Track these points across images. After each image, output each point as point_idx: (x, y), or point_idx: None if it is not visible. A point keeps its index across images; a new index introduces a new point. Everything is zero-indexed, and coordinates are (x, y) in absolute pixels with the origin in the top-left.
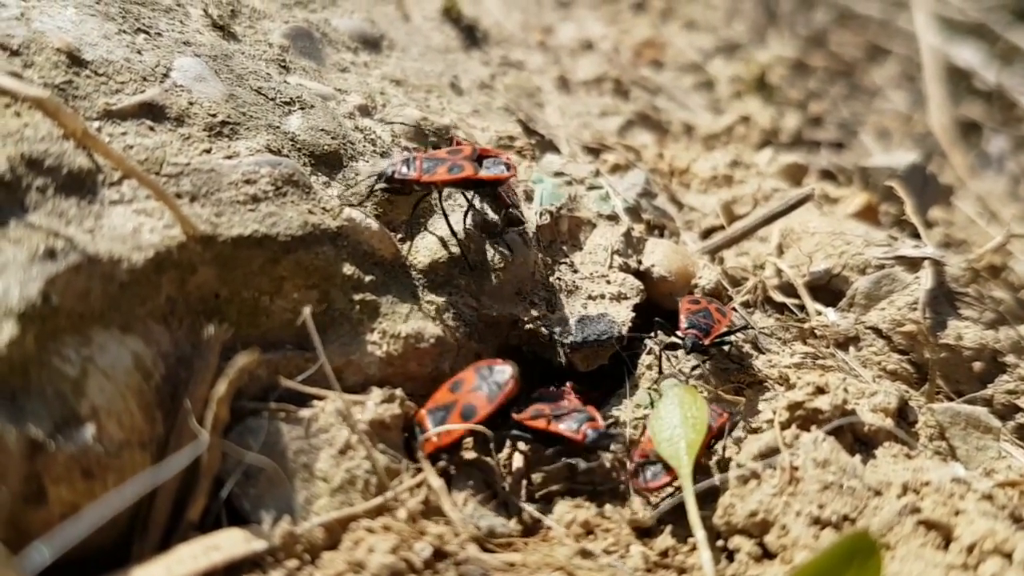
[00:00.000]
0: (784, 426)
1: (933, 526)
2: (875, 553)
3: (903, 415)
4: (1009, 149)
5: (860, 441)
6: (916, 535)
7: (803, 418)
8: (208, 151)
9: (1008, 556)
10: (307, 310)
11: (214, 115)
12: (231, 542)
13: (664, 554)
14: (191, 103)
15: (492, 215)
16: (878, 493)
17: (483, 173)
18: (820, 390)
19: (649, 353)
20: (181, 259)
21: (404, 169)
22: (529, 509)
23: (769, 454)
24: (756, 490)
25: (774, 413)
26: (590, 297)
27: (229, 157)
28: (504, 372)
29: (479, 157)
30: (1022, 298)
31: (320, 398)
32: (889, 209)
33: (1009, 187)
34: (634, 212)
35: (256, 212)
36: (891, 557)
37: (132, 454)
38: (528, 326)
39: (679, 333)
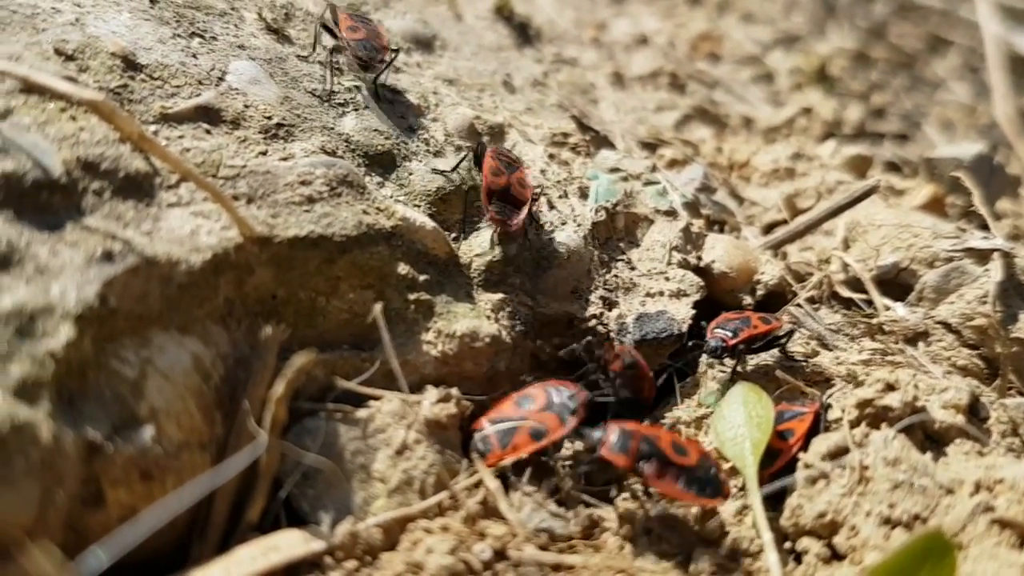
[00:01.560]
0: (853, 424)
1: (1008, 525)
2: (949, 553)
3: (974, 411)
4: None
5: (930, 439)
6: (990, 534)
7: (872, 416)
8: (264, 153)
9: None
10: (378, 308)
11: (269, 117)
12: (290, 543)
13: (730, 557)
14: (247, 106)
15: (547, 214)
16: (950, 491)
17: None
18: (890, 387)
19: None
20: (238, 260)
21: None
22: (589, 511)
23: (838, 453)
24: (825, 490)
25: (843, 411)
26: (648, 294)
27: (285, 159)
28: (576, 399)
29: None
30: None
31: (377, 398)
32: (956, 201)
33: None
34: (692, 207)
35: (312, 213)
36: (964, 557)
37: (191, 455)
38: (585, 325)
39: (706, 336)
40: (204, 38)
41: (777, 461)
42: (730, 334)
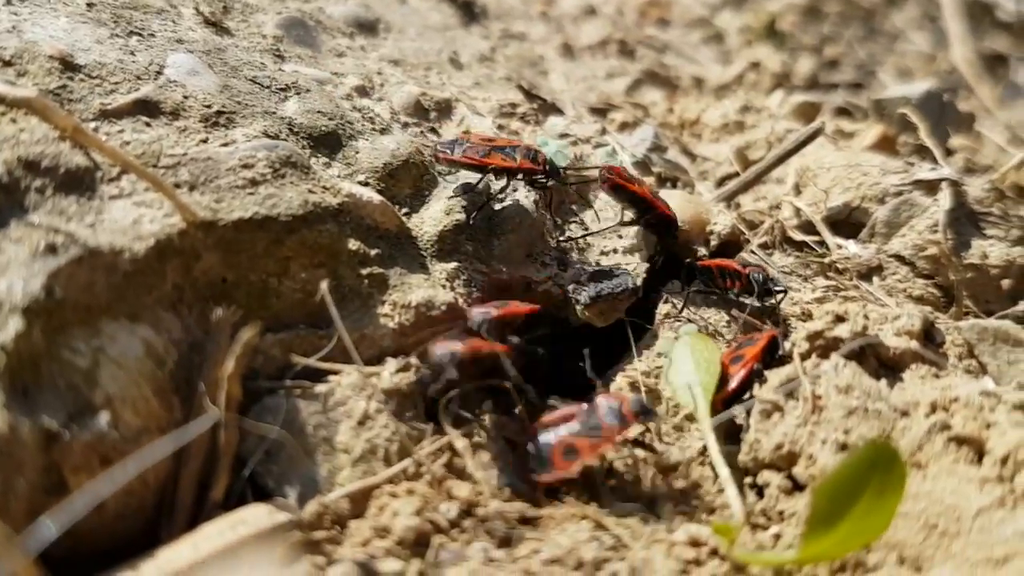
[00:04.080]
0: (804, 356)
1: (964, 441)
2: (897, 461)
3: (930, 337)
4: None
5: (885, 366)
6: (947, 452)
7: (823, 347)
8: (205, 141)
9: None
10: (324, 285)
11: (209, 106)
12: (256, 516)
13: (693, 497)
14: (186, 96)
15: (497, 182)
16: (905, 414)
17: None
18: (839, 318)
19: (666, 303)
20: (184, 246)
21: None
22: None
23: (792, 386)
24: (780, 423)
25: (793, 345)
26: (603, 252)
27: (226, 144)
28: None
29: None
30: None
31: (336, 373)
32: (908, 139)
33: None
34: (644, 166)
35: (256, 195)
36: (923, 476)
37: (151, 439)
38: (542, 287)
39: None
40: (142, 36)
41: (727, 385)
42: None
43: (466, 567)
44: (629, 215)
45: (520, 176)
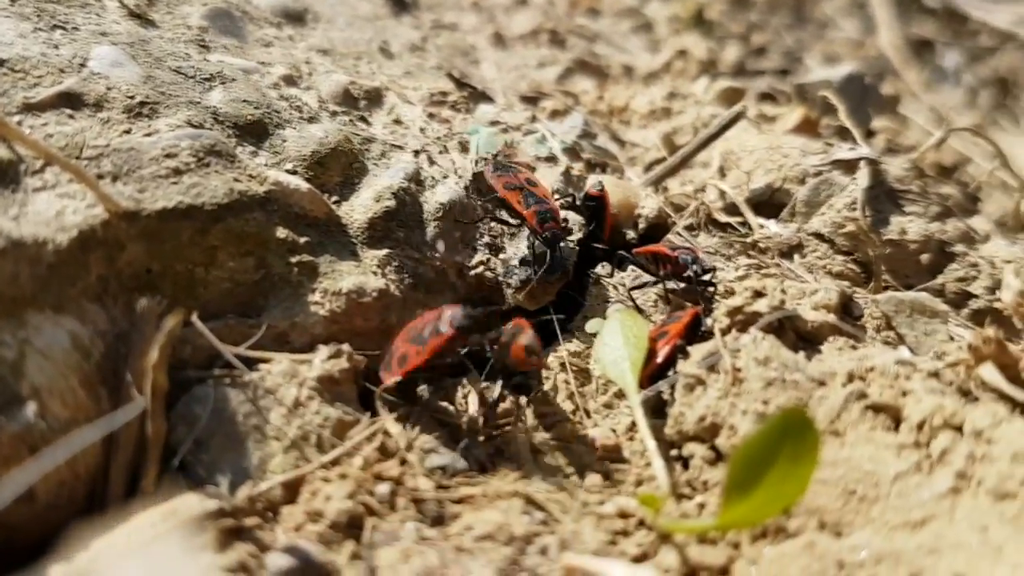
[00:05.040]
0: (725, 331)
1: (881, 409)
2: (810, 428)
3: (848, 311)
4: (963, 62)
5: (804, 339)
6: (864, 420)
7: (743, 322)
8: (128, 131)
9: (959, 429)
10: None
11: (132, 97)
12: (187, 505)
13: (621, 470)
14: (109, 88)
15: (428, 170)
16: (822, 384)
17: None
18: (758, 294)
19: (597, 284)
20: (107, 237)
21: None
22: (487, 443)
23: (713, 360)
24: (703, 396)
25: (714, 321)
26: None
27: (149, 135)
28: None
29: None
30: (972, 192)
31: (266, 361)
32: (829, 122)
33: (966, 98)
34: (573, 152)
35: (179, 184)
36: (841, 443)
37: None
38: (474, 272)
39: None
40: (66, 29)
41: (652, 360)
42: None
43: (399, 547)
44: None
45: (521, 223)
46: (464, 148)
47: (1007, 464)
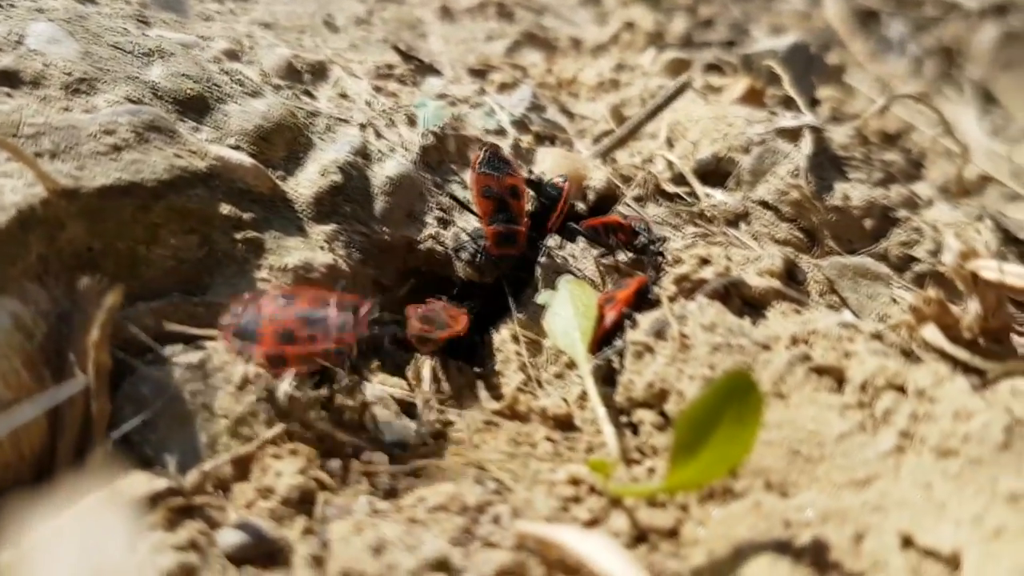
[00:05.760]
0: (672, 299)
1: (824, 371)
2: (753, 390)
3: (792, 276)
4: (908, 32)
5: (749, 305)
6: (808, 382)
7: (689, 289)
8: (66, 109)
9: (902, 389)
10: None
11: (70, 74)
12: (133, 485)
13: (573, 438)
14: (46, 65)
15: (375, 143)
16: (767, 348)
17: None
18: (704, 261)
19: (546, 256)
20: (47, 215)
21: None
22: (438, 416)
23: (661, 327)
24: (651, 363)
25: (661, 289)
26: None
27: (88, 111)
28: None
29: None
30: (916, 159)
31: (213, 339)
32: (775, 92)
33: (911, 68)
34: (522, 125)
35: (119, 161)
36: (785, 405)
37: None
38: (423, 246)
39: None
40: (2, 6)
41: (600, 325)
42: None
43: (351, 520)
44: None
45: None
46: (412, 122)
47: (949, 422)
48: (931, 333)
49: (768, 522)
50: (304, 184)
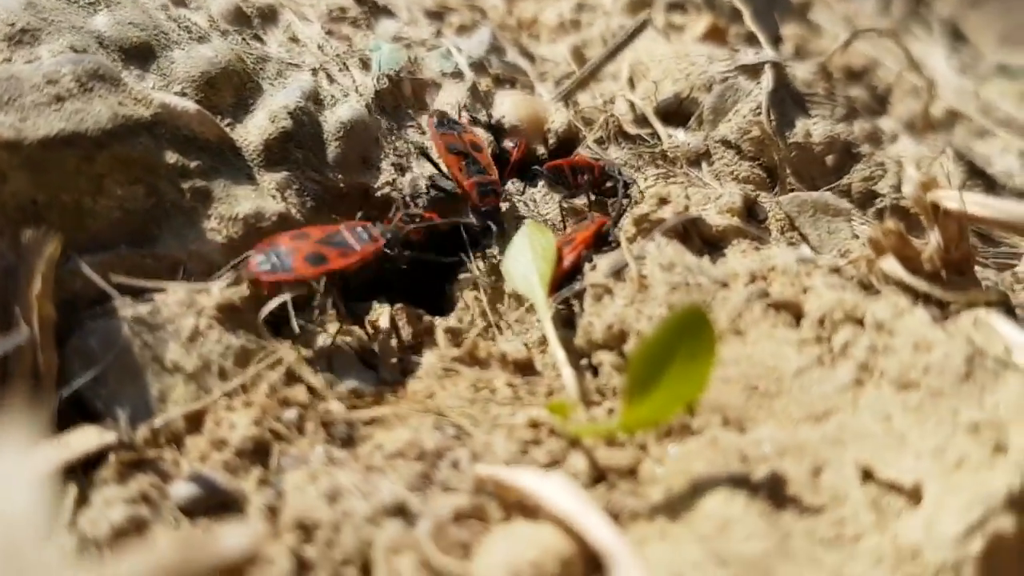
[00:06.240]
0: (631, 240)
1: (782, 306)
2: (706, 325)
3: (753, 214)
4: None
5: (709, 244)
6: (766, 318)
7: (648, 230)
8: (8, 60)
9: (859, 321)
10: None
11: (12, 24)
12: (81, 439)
13: (533, 382)
14: None
15: (327, 88)
16: (725, 285)
17: None
18: (663, 200)
19: (506, 200)
20: None
21: None
22: (396, 363)
23: (619, 269)
24: (610, 304)
25: (620, 230)
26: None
27: (30, 62)
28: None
29: None
30: (881, 95)
31: (161, 291)
32: (738, 30)
33: (879, 6)
34: (480, 67)
35: (61, 111)
36: (743, 342)
37: None
38: (379, 193)
39: None
40: None
41: (559, 265)
42: None
43: (306, 469)
44: None
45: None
46: (366, 65)
47: (909, 354)
48: (890, 265)
49: (725, 458)
50: (253, 131)
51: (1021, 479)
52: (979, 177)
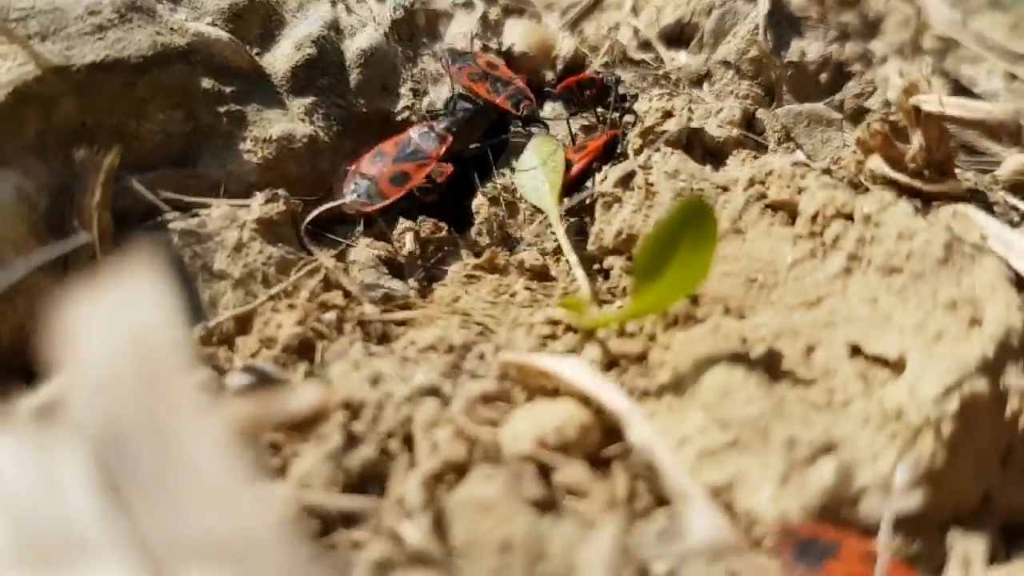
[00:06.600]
0: (637, 152)
1: (779, 206)
2: (708, 214)
3: (752, 127)
4: None
5: (710, 153)
6: (764, 217)
7: (654, 142)
8: None
9: (849, 216)
10: None
11: None
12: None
13: (550, 286)
14: None
15: (346, 18)
16: (726, 189)
17: None
18: (667, 114)
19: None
20: (42, 91)
21: None
22: (424, 273)
23: (628, 179)
24: (619, 212)
25: (628, 143)
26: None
27: None
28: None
29: None
30: (873, 21)
31: (207, 207)
32: None
33: None
34: None
35: (104, 40)
36: (743, 240)
37: (35, 278)
38: (399, 118)
39: None
40: None
41: (571, 170)
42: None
43: (348, 360)
44: None
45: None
46: None
47: (893, 242)
48: (876, 163)
49: (727, 341)
50: (280, 59)
51: (994, 347)
52: (964, 95)
